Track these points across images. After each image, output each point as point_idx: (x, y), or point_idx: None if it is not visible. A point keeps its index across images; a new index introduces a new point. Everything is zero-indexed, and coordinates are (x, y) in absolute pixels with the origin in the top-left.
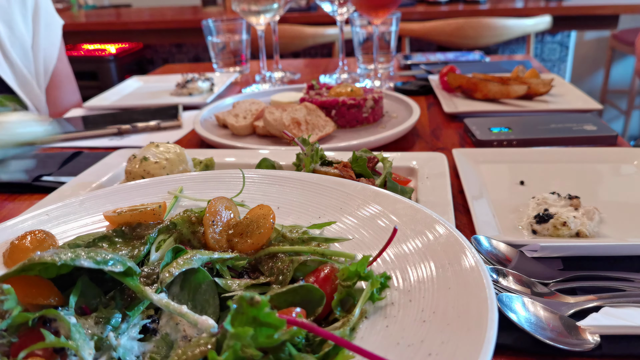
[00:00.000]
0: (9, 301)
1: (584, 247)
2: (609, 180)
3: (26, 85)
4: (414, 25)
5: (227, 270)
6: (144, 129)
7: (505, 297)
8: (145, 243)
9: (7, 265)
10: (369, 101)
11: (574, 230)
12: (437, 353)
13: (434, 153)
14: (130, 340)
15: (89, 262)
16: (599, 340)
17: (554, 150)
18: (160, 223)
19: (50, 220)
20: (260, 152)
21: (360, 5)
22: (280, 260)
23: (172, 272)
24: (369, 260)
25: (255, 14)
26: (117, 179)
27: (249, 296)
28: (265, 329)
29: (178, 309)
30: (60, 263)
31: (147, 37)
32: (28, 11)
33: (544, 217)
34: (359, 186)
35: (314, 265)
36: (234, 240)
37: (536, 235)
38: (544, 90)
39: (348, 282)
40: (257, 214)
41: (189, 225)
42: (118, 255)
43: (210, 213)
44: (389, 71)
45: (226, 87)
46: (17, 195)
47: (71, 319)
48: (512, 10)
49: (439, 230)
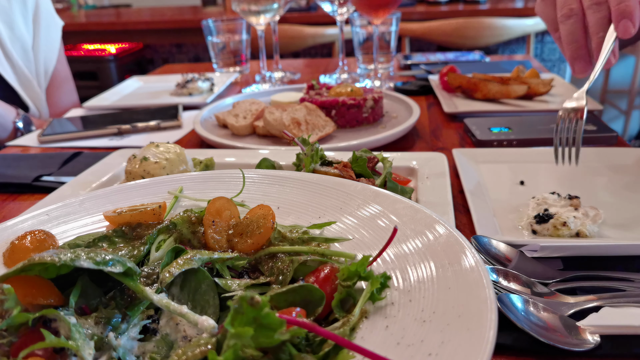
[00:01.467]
0: (9, 301)
1: (584, 247)
2: (609, 180)
3: (27, 85)
4: (414, 25)
5: (227, 270)
6: (144, 129)
7: (505, 297)
8: (145, 243)
9: (7, 265)
10: (369, 101)
11: (574, 230)
12: (437, 353)
13: (434, 153)
14: (130, 340)
15: (88, 262)
16: (599, 340)
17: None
18: (160, 223)
19: (50, 220)
20: (260, 152)
21: (360, 5)
22: (280, 260)
23: (172, 272)
24: (369, 260)
25: (255, 14)
26: (117, 179)
27: (249, 296)
28: (265, 329)
29: (178, 309)
30: (60, 263)
31: (147, 37)
32: (29, 12)
33: (544, 217)
34: (359, 186)
35: (314, 265)
36: (234, 240)
37: (536, 235)
38: (544, 90)
39: (348, 282)
40: (257, 214)
41: (189, 225)
42: (118, 255)
43: (210, 213)
44: (389, 71)
45: (226, 87)
46: (17, 195)
47: (71, 319)
48: (512, 10)
49: (439, 230)
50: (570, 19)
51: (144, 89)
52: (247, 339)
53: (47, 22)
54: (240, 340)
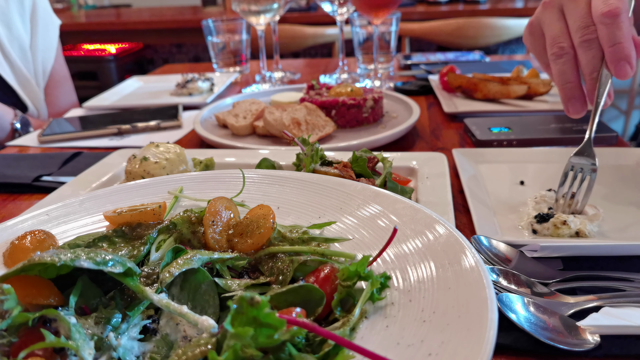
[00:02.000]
0: (9, 301)
1: (584, 247)
2: (609, 180)
3: (26, 84)
4: (414, 25)
5: (227, 270)
6: (144, 129)
7: (505, 297)
8: (145, 243)
9: (7, 265)
10: (369, 101)
11: (573, 230)
12: (437, 353)
13: (434, 153)
14: (130, 340)
15: (88, 262)
16: (599, 340)
17: (554, 150)
18: (160, 223)
19: (50, 220)
20: (260, 152)
21: (360, 5)
22: (280, 260)
23: (172, 272)
24: (369, 260)
25: (255, 14)
26: (117, 179)
27: (249, 296)
28: (265, 329)
29: (178, 309)
30: (60, 264)
31: (147, 37)
32: (26, 11)
33: (545, 217)
34: (359, 186)
35: (314, 265)
36: (234, 240)
37: (536, 235)
38: (544, 90)
39: (348, 282)
40: (257, 214)
41: (189, 225)
42: (118, 255)
43: (210, 213)
44: (389, 71)
45: (226, 87)
46: (17, 195)
47: (71, 319)
48: (512, 10)
49: (439, 230)
50: (561, 59)
51: (144, 89)
52: (247, 339)
53: (44, 21)
54: (240, 340)
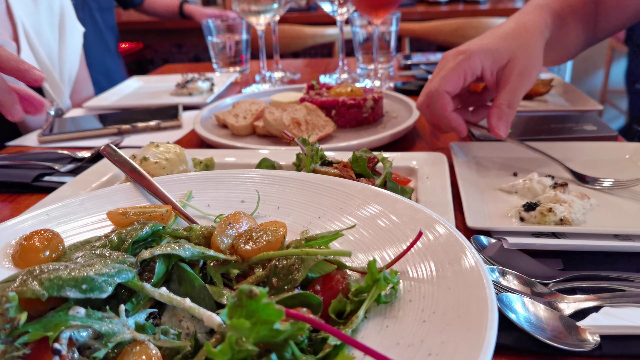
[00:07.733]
0: (13, 309)
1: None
2: (602, 174)
3: (57, 90)
4: (414, 25)
5: (220, 277)
6: (144, 129)
7: (505, 297)
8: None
9: (19, 266)
10: (369, 101)
11: (558, 217)
12: (437, 353)
13: (434, 153)
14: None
15: (74, 292)
16: (599, 340)
17: (548, 144)
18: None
19: (50, 220)
20: (260, 152)
21: (360, 5)
22: (284, 263)
23: (151, 252)
24: (387, 265)
25: (255, 14)
26: (117, 179)
27: (248, 288)
28: (264, 321)
29: (182, 303)
30: (45, 297)
31: (147, 37)
32: (55, 19)
33: (532, 205)
34: (359, 186)
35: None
36: (239, 245)
37: (524, 222)
38: (544, 90)
39: (359, 297)
40: (270, 227)
41: (202, 238)
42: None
43: (234, 219)
44: (389, 71)
45: (226, 87)
46: (17, 195)
47: (74, 319)
48: (512, 10)
49: (439, 230)
50: None
51: (144, 89)
52: (244, 331)
53: (71, 30)
54: (237, 332)
